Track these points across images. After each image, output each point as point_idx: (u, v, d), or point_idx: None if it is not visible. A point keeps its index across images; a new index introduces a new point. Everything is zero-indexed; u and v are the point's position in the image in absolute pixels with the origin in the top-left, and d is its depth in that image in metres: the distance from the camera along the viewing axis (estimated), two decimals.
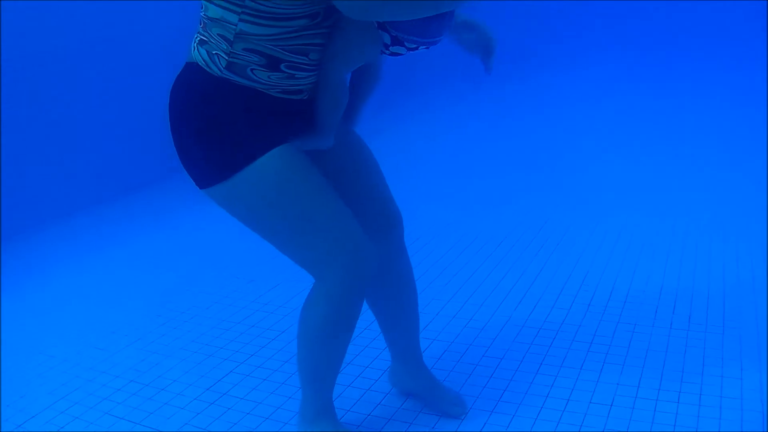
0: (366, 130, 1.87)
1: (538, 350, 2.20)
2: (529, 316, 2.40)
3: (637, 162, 3.95)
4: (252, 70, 1.41)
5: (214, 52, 1.42)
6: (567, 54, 7.09)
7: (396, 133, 5.08)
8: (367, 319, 2.18)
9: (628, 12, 7.30)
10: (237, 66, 1.41)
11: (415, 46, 1.50)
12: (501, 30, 1.47)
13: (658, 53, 6.98)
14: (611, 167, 3.91)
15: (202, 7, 1.44)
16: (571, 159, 4.14)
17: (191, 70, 1.46)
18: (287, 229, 1.48)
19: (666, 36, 7.10)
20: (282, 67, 1.43)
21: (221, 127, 1.42)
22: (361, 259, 1.50)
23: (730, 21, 6.72)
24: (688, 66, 6.52)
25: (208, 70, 1.43)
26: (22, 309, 2.86)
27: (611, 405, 1.91)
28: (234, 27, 1.38)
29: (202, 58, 1.44)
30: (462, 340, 2.29)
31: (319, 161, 1.60)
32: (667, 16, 7.11)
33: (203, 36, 1.44)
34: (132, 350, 2.44)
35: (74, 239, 3.61)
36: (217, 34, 1.40)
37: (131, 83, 4.12)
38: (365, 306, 1.75)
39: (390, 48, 1.51)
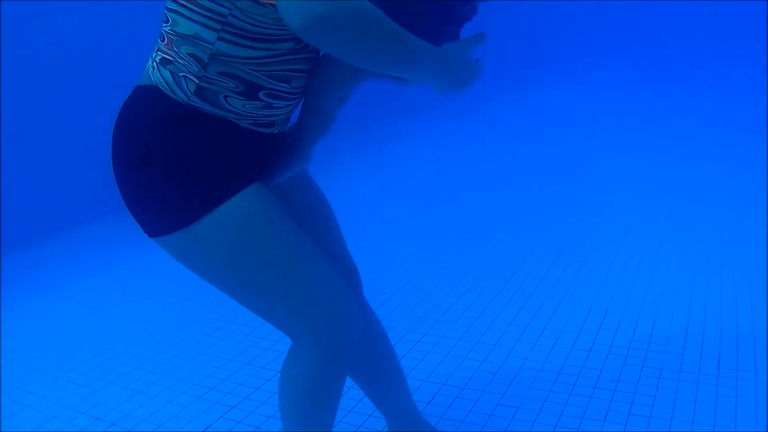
0: (357, 144, 1.68)
1: (557, 398, 2.02)
2: (546, 359, 2.22)
3: (658, 186, 3.78)
4: (225, 97, 1.19)
5: (181, 74, 1.18)
6: (564, 68, 6.93)
7: (396, 153, 4.91)
8: None
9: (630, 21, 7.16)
10: (208, 92, 1.19)
11: None
12: (495, 39, 1.27)
13: (669, 64, 6.84)
14: (628, 190, 3.74)
15: (166, 21, 1.20)
16: (584, 183, 3.97)
17: (147, 93, 1.22)
18: (258, 284, 1.24)
19: (673, 44, 6.97)
20: (261, 95, 1.22)
21: (179, 165, 1.18)
22: (345, 321, 1.27)
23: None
24: (698, 76, 6.38)
25: (170, 95, 1.19)
26: None
27: None
28: (210, 46, 1.16)
29: (165, 81, 1.20)
30: (474, 386, 2.10)
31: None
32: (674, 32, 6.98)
33: (167, 54, 1.20)
34: (115, 388, 2.25)
35: (51, 265, 3.42)
36: (188, 54, 1.17)
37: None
38: None
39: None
